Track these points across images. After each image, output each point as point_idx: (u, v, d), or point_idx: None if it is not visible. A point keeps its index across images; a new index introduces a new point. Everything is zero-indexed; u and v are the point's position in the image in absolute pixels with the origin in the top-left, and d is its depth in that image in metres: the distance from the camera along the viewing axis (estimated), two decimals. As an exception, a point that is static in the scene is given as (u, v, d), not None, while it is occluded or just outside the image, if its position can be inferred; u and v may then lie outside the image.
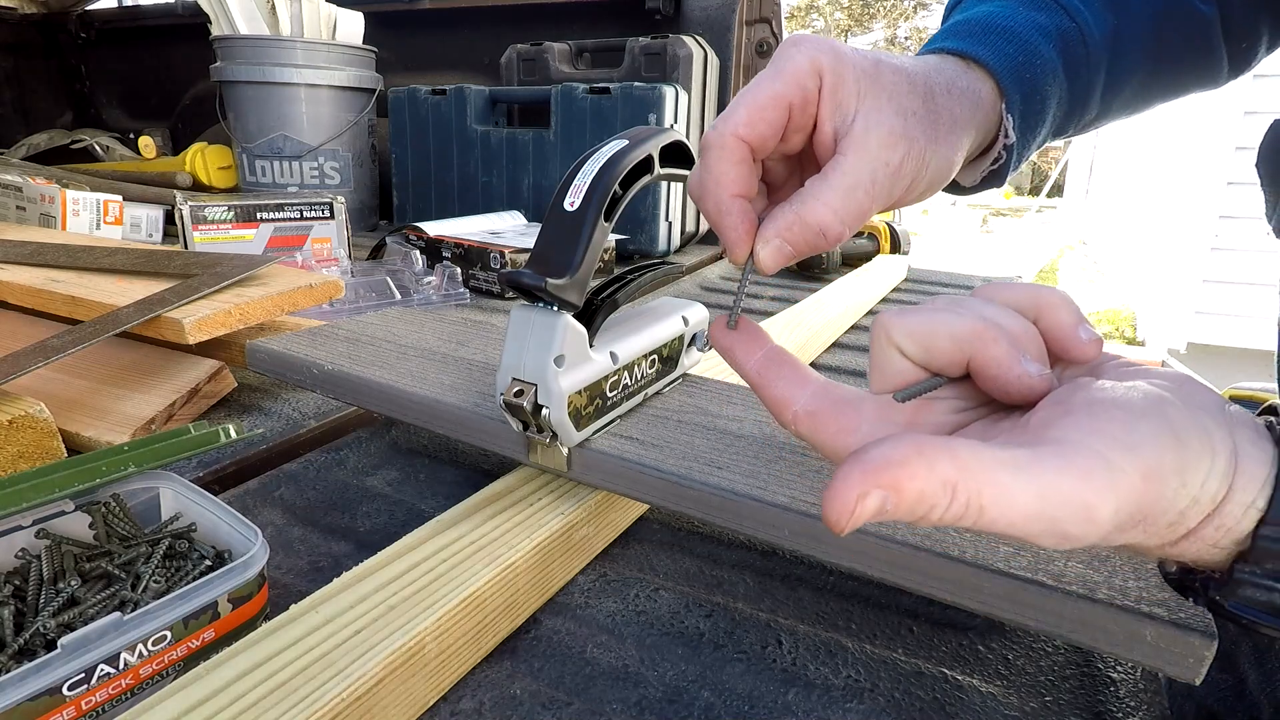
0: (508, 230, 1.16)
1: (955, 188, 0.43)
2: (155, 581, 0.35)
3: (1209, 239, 3.34)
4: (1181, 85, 0.47)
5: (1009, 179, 0.42)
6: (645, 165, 0.38)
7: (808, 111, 0.31)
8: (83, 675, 0.28)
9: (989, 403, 0.27)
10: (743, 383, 0.57)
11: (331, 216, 1.02)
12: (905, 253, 1.30)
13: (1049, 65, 0.38)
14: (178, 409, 0.57)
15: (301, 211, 1.00)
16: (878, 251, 1.27)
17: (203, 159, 1.50)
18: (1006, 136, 0.38)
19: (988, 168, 0.40)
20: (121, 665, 0.29)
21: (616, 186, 0.37)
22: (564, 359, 0.38)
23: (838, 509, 0.22)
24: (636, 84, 1.20)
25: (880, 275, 1.09)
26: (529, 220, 1.26)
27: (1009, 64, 0.36)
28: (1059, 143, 0.49)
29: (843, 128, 0.31)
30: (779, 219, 0.31)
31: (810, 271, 1.22)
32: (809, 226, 0.30)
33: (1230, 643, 0.48)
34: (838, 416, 0.28)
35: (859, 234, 1.31)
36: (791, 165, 0.35)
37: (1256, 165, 0.52)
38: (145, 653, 0.30)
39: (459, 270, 0.96)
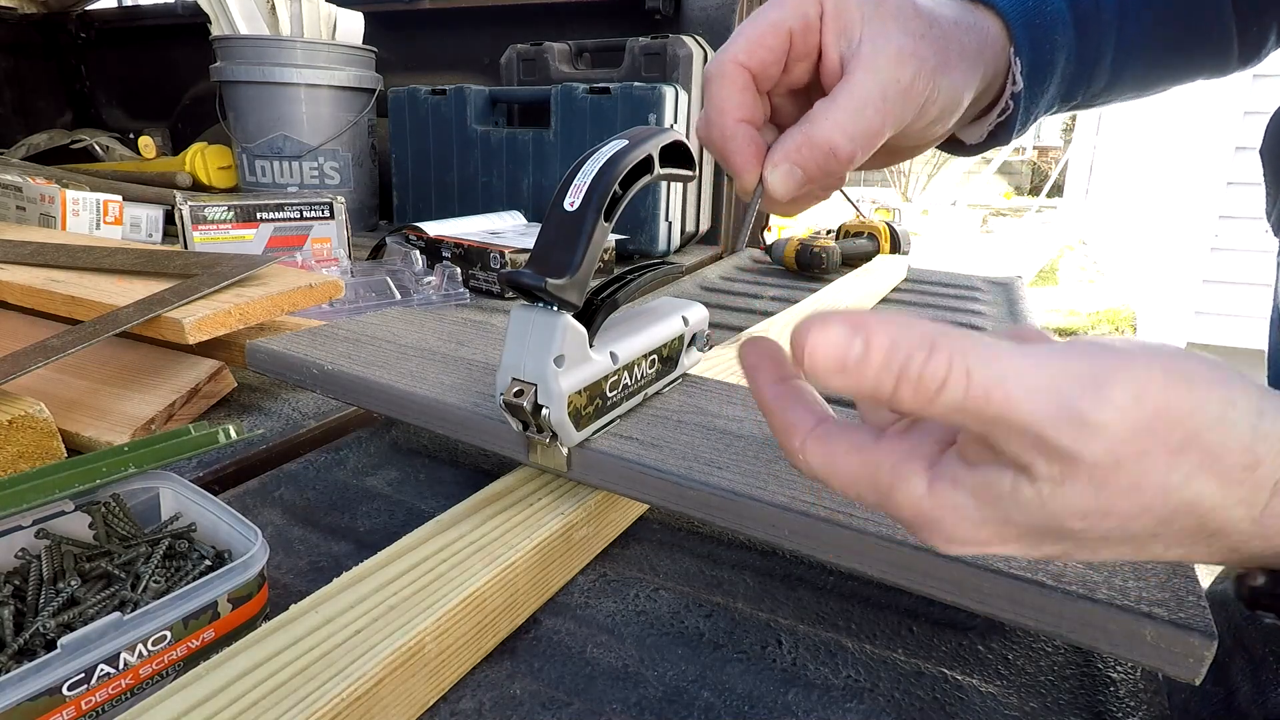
0: (508, 230, 1.16)
1: (959, 147, 0.41)
2: (155, 581, 0.35)
3: (1209, 239, 3.34)
4: (1192, 64, 0.45)
5: (1014, 140, 0.41)
6: (645, 165, 0.38)
7: (809, 39, 0.31)
8: (83, 675, 0.28)
9: None
10: (743, 383, 0.57)
11: (331, 216, 1.02)
12: (905, 253, 1.30)
13: (1058, 15, 0.37)
14: (178, 409, 0.57)
15: (301, 211, 1.00)
16: (878, 251, 1.27)
17: (203, 159, 1.50)
18: (1014, 83, 0.36)
19: (995, 120, 0.39)
20: (121, 665, 0.30)
21: (616, 186, 0.37)
22: (564, 359, 0.38)
23: (802, 339, 0.19)
24: (636, 84, 1.20)
25: (880, 275, 1.09)
26: (529, 220, 1.26)
27: (1018, 5, 0.35)
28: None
29: (849, 51, 0.30)
30: (786, 141, 0.30)
31: (810, 271, 1.22)
32: (818, 146, 0.29)
33: (1224, 654, 0.48)
34: (849, 435, 0.24)
35: (859, 234, 1.31)
36: (801, 103, 0.34)
37: (1260, 152, 0.51)
38: (145, 653, 0.30)
39: (459, 270, 0.96)
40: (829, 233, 1.35)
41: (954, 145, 0.41)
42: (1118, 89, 0.43)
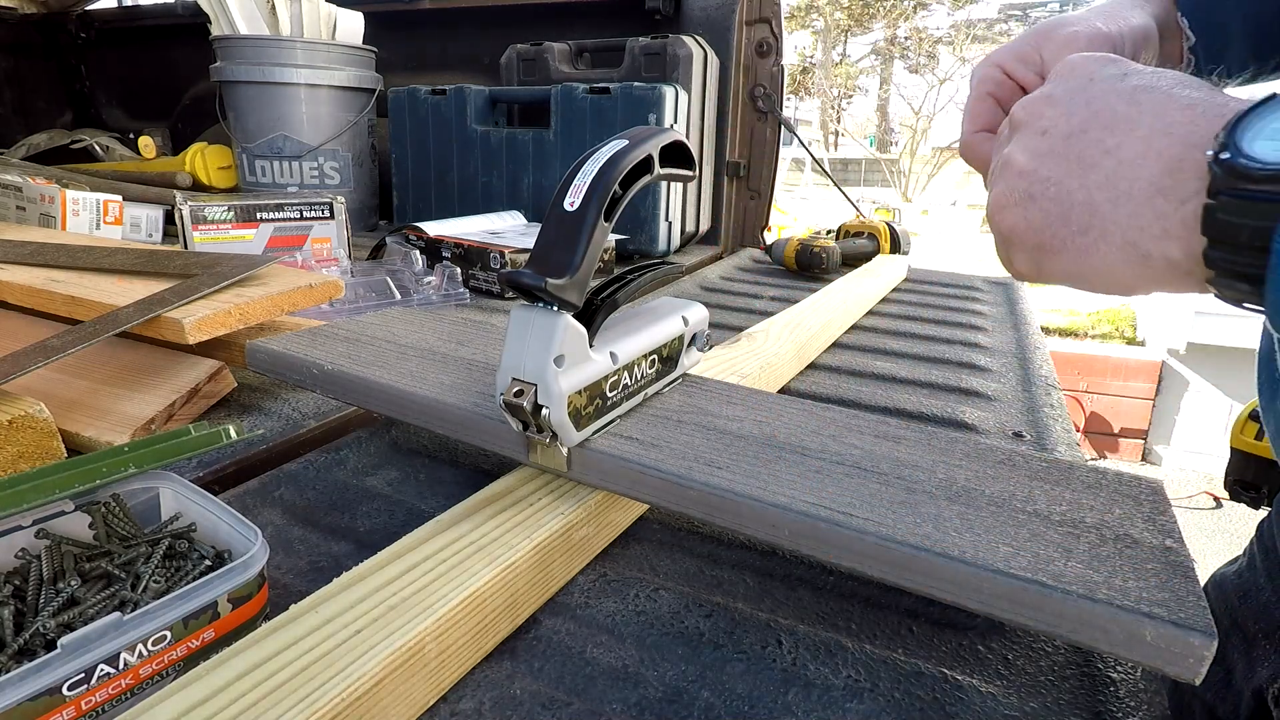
0: (508, 230, 1.16)
1: None
2: (155, 581, 0.35)
3: (1209, 239, 3.33)
4: None
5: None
6: (645, 165, 0.38)
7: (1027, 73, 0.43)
8: (83, 675, 0.28)
9: None
10: (743, 383, 0.57)
11: (331, 216, 1.02)
12: (905, 253, 1.30)
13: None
14: (178, 409, 0.57)
15: (301, 211, 1.00)
16: (878, 251, 1.27)
17: (203, 159, 1.50)
18: (1187, 39, 0.45)
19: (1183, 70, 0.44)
20: (121, 665, 0.30)
21: (616, 186, 0.37)
22: (564, 359, 0.38)
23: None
24: (636, 84, 1.20)
25: (880, 275, 1.09)
26: (529, 220, 1.26)
27: None
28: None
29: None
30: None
31: (810, 271, 1.22)
32: None
33: (1222, 634, 0.49)
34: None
35: (858, 234, 1.31)
36: None
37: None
38: (145, 653, 0.30)
39: (459, 270, 0.96)
40: (829, 233, 1.35)
41: None
42: None
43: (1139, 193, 0.27)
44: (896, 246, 1.29)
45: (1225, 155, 0.24)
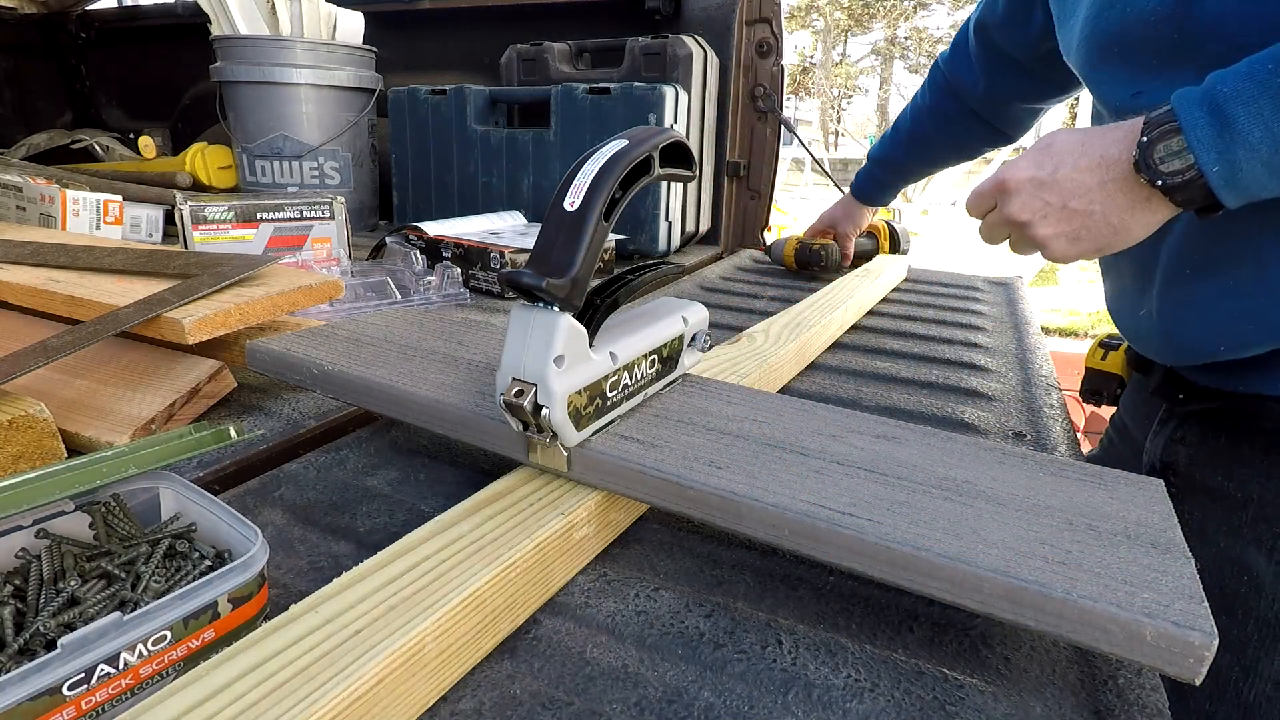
0: (508, 230, 1.16)
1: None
2: (155, 581, 0.35)
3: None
4: (976, 155, 1.06)
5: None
6: (645, 165, 0.38)
7: None
8: (83, 675, 0.28)
9: None
10: (743, 383, 0.57)
11: (331, 217, 1.02)
12: (905, 252, 1.30)
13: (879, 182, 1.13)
14: (178, 409, 0.57)
15: (301, 211, 1.00)
16: (878, 251, 1.27)
17: (203, 159, 1.50)
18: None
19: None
20: (121, 665, 0.30)
21: (616, 186, 0.37)
22: (564, 359, 0.38)
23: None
24: (636, 84, 1.20)
25: (880, 275, 1.09)
26: (529, 220, 1.26)
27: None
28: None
29: None
30: None
31: (810, 270, 1.22)
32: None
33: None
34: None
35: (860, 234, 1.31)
36: None
37: None
38: (145, 653, 0.30)
39: (459, 270, 0.96)
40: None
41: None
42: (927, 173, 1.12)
43: (1139, 201, 0.49)
44: (896, 246, 1.29)
45: (1136, 154, 0.47)
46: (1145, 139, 0.45)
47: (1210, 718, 0.59)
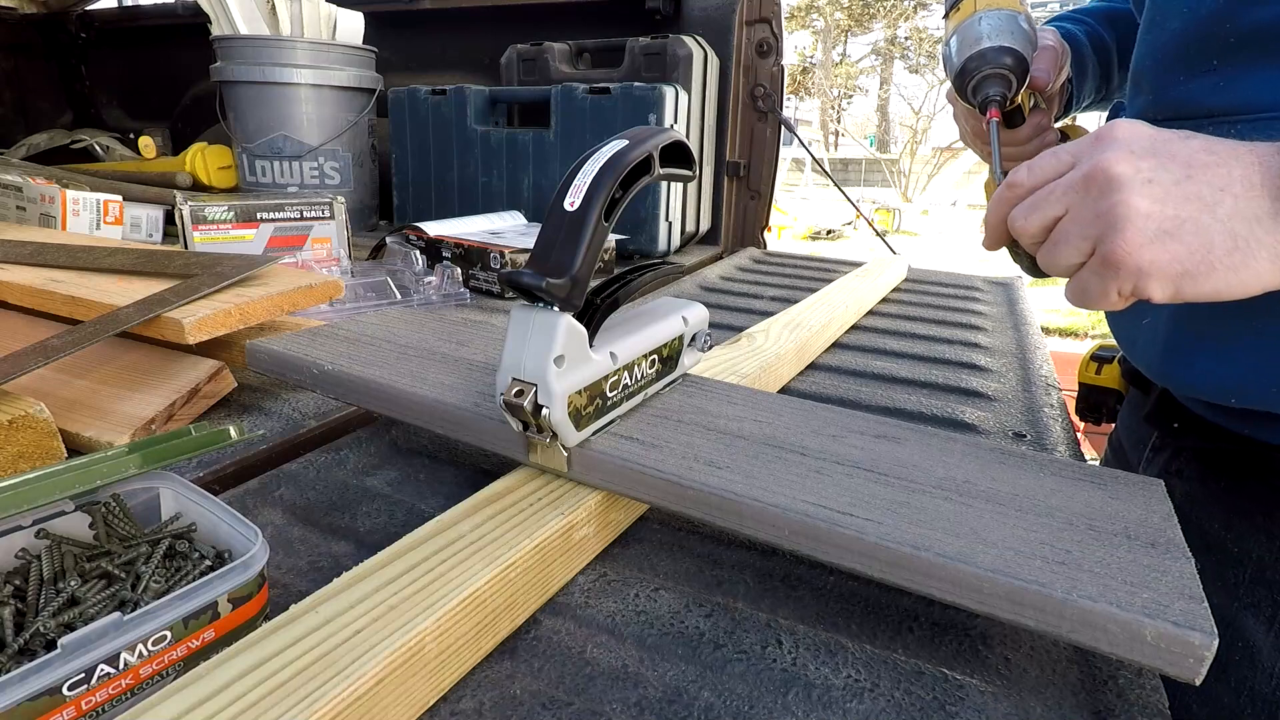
0: (508, 230, 1.16)
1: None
2: (155, 581, 0.35)
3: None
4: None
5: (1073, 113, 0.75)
6: (645, 165, 0.38)
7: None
8: (83, 675, 0.28)
9: None
10: (743, 383, 0.57)
11: (331, 216, 1.02)
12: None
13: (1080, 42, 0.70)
14: (178, 409, 0.57)
15: (301, 211, 1.00)
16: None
17: (203, 159, 1.50)
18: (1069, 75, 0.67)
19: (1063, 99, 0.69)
20: (121, 665, 0.30)
21: (617, 186, 0.37)
22: (564, 359, 0.38)
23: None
24: (636, 84, 1.20)
25: (880, 275, 1.09)
26: (529, 220, 1.26)
27: (1064, 34, 0.68)
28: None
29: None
30: None
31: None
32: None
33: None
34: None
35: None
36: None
37: None
38: (145, 653, 0.30)
39: (459, 270, 0.96)
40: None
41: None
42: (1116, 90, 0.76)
43: (1266, 217, 0.35)
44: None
45: None
46: None
47: None
